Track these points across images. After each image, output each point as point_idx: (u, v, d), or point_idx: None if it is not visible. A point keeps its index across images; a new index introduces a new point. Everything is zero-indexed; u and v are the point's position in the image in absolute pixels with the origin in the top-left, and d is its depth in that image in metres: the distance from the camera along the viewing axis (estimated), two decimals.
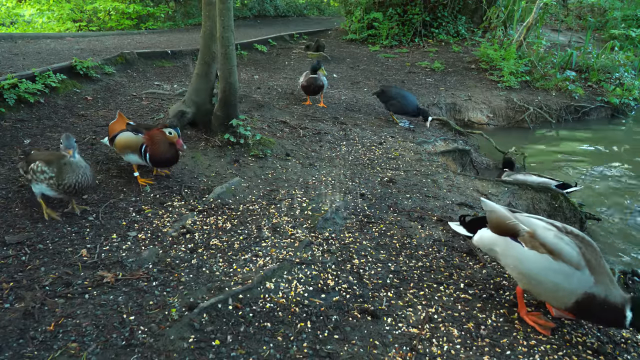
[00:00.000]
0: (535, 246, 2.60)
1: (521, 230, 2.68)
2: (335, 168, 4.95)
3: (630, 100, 9.85)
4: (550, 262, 2.52)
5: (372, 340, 2.53)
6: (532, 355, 2.49)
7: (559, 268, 2.49)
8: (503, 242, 2.75)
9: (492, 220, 2.84)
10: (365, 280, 3.05)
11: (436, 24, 13.39)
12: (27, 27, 16.06)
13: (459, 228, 3.12)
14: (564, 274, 2.48)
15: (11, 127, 4.97)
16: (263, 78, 8.76)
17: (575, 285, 2.46)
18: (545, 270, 2.53)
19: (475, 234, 2.97)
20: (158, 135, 3.91)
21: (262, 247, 3.34)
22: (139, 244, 3.24)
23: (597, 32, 14.96)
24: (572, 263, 2.48)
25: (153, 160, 3.95)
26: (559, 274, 2.49)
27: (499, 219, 2.80)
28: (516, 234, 2.69)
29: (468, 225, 3.07)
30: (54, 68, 6.31)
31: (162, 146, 3.91)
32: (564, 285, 2.49)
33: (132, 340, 2.39)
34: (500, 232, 2.78)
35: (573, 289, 2.47)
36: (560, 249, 2.52)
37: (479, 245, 2.98)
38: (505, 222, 2.76)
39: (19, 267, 2.89)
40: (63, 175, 3.31)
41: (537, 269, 2.57)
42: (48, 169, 3.34)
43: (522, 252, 2.64)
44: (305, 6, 22.99)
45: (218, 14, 4.72)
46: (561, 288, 2.50)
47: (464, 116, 8.84)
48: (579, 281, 2.45)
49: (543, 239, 2.59)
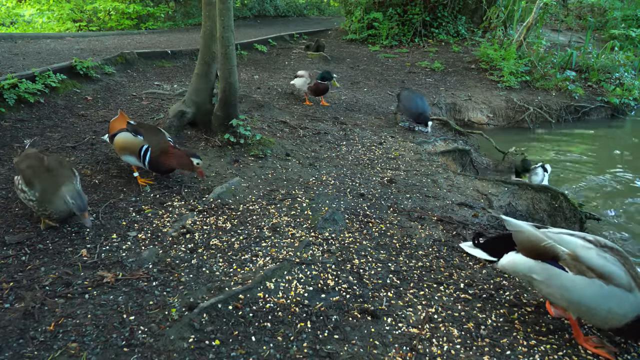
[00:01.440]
0: (582, 271, 2.38)
1: (561, 253, 2.43)
2: (335, 168, 4.95)
3: (630, 100, 9.85)
4: (603, 288, 2.34)
5: (372, 340, 2.53)
6: (532, 355, 2.49)
7: (612, 293, 2.33)
8: (543, 269, 2.49)
9: (523, 243, 2.56)
10: (365, 280, 3.05)
11: (436, 24, 13.39)
12: (27, 27, 16.06)
13: (475, 251, 2.78)
14: (618, 299, 2.33)
15: (11, 127, 4.97)
16: (263, 78, 8.76)
17: (627, 309, 2.33)
18: (598, 297, 2.35)
19: (499, 258, 2.66)
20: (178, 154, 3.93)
21: (262, 247, 3.34)
22: (139, 244, 3.24)
23: (597, 32, 14.95)
24: (623, 286, 2.33)
25: (153, 166, 3.94)
26: (612, 299, 2.33)
27: (531, 241, 2.53)
28: (556, 257, 2.44)
29: (485, 247, 2.75)
30: (54, 68, 6.31)
31: (170, 159, 3.92)
32: (617, 310, 2.34)
33: (132, 340, 2.39)
34: (535, 255, 2.52)
35: (625, 313, 2.34)
36: (611, 272, 2.35)
37: (509, 272, 2.71)
38: (539, 244, 2.49)
39: (19, 267, 2.89)
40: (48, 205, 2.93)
41: (589, 297, 2.36)
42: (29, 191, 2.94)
43: (570, 280, 2.40)
44: (305, 6, 22.99)
45: (218, 14, 4.72)
46: (614, 312, 2.35)
47: (464, 116, 8.84)
48: (631, 305, 2.33)
49: (589, 261, 2.38)
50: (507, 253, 2.65)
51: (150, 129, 4.12)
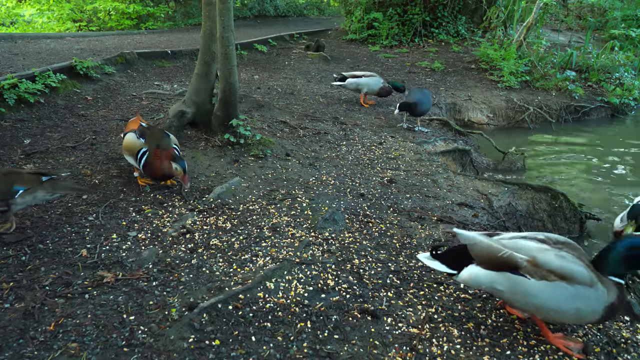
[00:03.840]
0: (543, 275, 2.35)
1: (520, 261, 2.40)
2: (336, 168, 4.95)
3: (630, 100, 9.85)
4: (567, 289, 2.32)
5: (372, 340, 2.53)
6: (532, 355, 2.49)
7: (577, 293, 2.31)
8: (505, 279, 2.44)
9: (480, 255, 2.50)
10: (365, 280, 3.05)
11: (436, 24, 13.39)
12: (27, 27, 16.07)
13: (433, 263, 2.63)
14: (584, 297, 2.31)
15: (11, 127, 4.97)
16: (263, 78, 8.76)
17: (595, 306, 2.32)
18: (563, 299, 2.33)
19: (459, 271, 2.56)
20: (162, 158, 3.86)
21: (262, 247, 3.34)
22: (139, 244, 3.24)
23: (597, 32, 14.95)
24: (585, 283, 2.31)
25: (147, 171, 3.91)
26: (578, 299, 2.32)
27: (488, 253, 2.47)
28: (516, 266, 2.41)
29: (444, 259, 2.62)
30: (54, 68, 6.31)
31: (164, 165, 3.86)
32: (585, 309, 2.33)
33: (132, 340, 2.39)
34: (494, 267, 2.46)
35: (594, 310, 2.33)
36: (572, 272, 2.33)
37: (470, 285, 2.67)
38: (496, 255, 2.45)
39: (19, 267, 2.89)
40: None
41: (554, 300, 2.35)
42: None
43: (533, 286, 2.37)
44: (305, 6, 22.99)
45: (218, 14, 4.72)
46: (583, 311, 2.34)
47: (464, 116, 8.84)
48: (597, 300, 2.32)
49: (548, 264, 2.36)
50: (466, 266, 2.55)
51: (156, 133, 4.07)
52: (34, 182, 3.20)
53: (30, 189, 3.17)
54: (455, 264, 2.58)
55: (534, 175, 6.61)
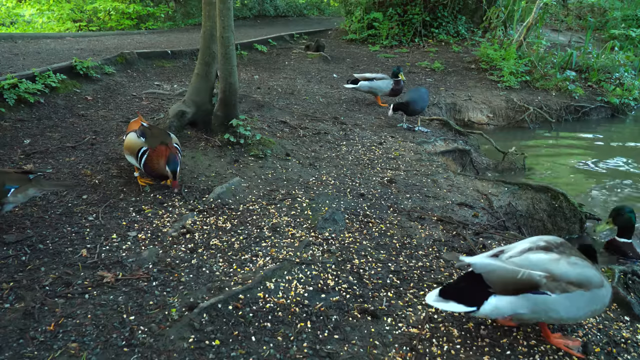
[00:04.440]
0: (564, 288, 2.36)
1: (539, 280, 2.36)
2: (336, 168, 4.95)
3: (630, 100, 9.84)
4: (585, 295, 2.39)
5: (372, 340, 2.53)
6: (532, 355, 2.49)
7: (593, 296, 2.41)
8: (526, 301, 2.38)
9: (499, 282, 2.40)
10: (365, 280, 3.05)
11: (436, 24, 13.39)
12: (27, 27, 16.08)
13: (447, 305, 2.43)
14: (599, 298, 2.44)
15: (11, 127, 4.97)
16: (263, 78, 8.76)
17: (606, 300, 2.48)
18: (583, 306, 2.41)
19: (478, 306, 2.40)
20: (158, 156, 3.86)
21: (262, 247, 3.34)
22: (139, 244, 3.24)
23: (597, 32, 14.95)
24: (599, 284, 2.43)
25: (147, 170, 3.92)
26: (595, 301, 2.43)
27: (507, 278, 2.39)
28: (536, 285, 2.36)
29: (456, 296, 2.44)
30: (54, 68, 6.31)
31: (160, 162, 3.86)
32: (600, 307, 2.49)
33: (132, 340, 2.39)
34: (514, 291, 2.39)
35: (603, 305, 2.49)
36: (588, 278, 2.40)
37: (490, 317, 2.54)
38: (515, 278, 2.37)
39: (19, 267, 2.89)
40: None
41: (575, 309, 2.40)
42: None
43: (555, 301, 2.36)
44: (305, 6, 22.98)
45: (218, 14, 4.72)
46: (598, 310, 2.50)
47: (464, 116, 8.84)
48: (607, 294, 2.47)
49: (566, 276, 2.38)
50: (485, 298, 2.41)
51: (157, 133, 4.07)
52: (24, 181, 3.21)
53: (21, 187, 3.17)
54: (471, 299, 2.42)
55: (534, 175, 6.61)
